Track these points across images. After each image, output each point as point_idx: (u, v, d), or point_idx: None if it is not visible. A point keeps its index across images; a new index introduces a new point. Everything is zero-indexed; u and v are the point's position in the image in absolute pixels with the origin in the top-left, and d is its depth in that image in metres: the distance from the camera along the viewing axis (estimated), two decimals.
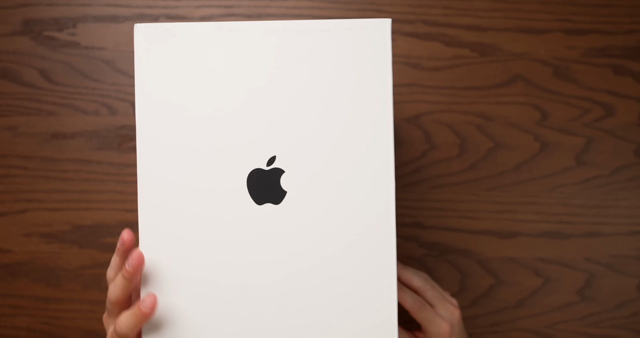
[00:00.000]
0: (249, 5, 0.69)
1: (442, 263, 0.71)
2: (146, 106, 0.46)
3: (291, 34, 0.45)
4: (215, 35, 0.46)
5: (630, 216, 0.72)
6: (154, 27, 0.46)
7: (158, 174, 0.46)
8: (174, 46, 0.46)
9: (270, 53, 0.45)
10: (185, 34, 0.46)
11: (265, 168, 0.44)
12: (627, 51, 0.72)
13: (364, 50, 0.45)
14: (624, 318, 0.72)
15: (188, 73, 0.46)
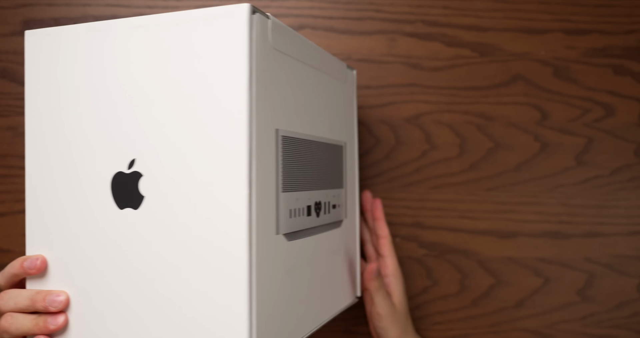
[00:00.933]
0: None
1: (442, 263, 0.71)
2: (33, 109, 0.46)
3: (151, 29, 0.42)
4: (87, 36, 0.44)
5: (630, 216, 0.72)
6: (39, 33, 0.46)
7: (41, 175, 0.46)
8: (56, 49, 0.45)
9: (133, 52, 0.42)
10: (63, 38, 0.45)
11: (126, 171, 0.42)
12: (627, 51, 0.72)
13: (220, 42, 0.40)
14: (624, 318, 0.72)
15: (67, 76, 0.45)
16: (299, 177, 0.46)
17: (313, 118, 0.50)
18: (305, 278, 0.47)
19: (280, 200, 0.43)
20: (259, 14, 0.41)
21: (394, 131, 0.70)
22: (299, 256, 0.46)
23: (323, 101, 0.52)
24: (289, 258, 0.44)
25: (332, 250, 0.53)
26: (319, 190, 0.51)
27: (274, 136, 0.43)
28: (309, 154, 0.48)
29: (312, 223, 0.49)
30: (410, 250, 0.70)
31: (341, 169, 0.56)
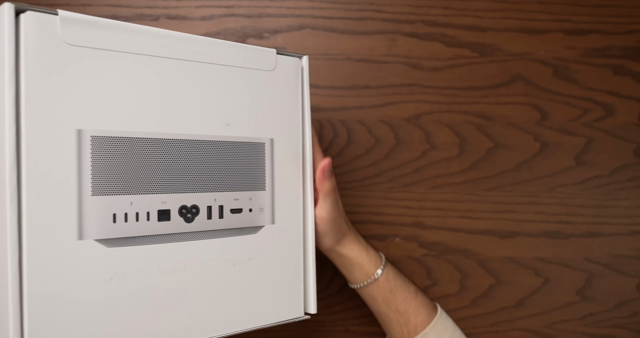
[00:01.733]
0: (249, 6, 0.69)
1: (442, 263, 0.71)
2: None
3: None
4: None
5: (630, 216, 0.72)
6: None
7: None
8: None
9: None
10: None
11: None
12: (627, 51, 0.72)
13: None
14: (624, 318, 0.72)
15: None
16: (132, 179, 0.43)
17: (181, 114, 0.45)
18: (156, 286, 0.44)
19: (87, 204, 0.40)
20: (34, 12, 0.38)
21: (394, 131, 0.70)
22: (134, 263, 0.43)
23: (210, 94, 0.47)
24: (109, 265, 0.41)
25: (235, 258, 0.49)
26: (191, 193, 0.46)
27: (74, 136, 0.40)
28: (160, 155, 0.44)
29: (169, 228, 0.45)
30: (410, 250, 0.70)
31: (260, 170, 0.50)
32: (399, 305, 0.58)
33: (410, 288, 0.59)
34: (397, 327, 0.58)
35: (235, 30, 0.69)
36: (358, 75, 0.70)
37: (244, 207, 0.49)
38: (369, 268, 0.57)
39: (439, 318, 0.59)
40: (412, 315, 0.58)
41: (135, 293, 0.43)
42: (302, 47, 0.69)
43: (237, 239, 0.49)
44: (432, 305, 0.60)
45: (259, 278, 0.50)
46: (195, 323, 0.46)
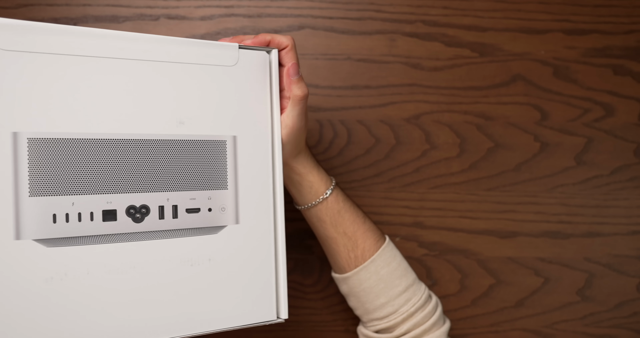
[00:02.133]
0: (249, 5, 0.69)
1: (442, 263, 0.71)
2: None
3: None
4: None
5: (630, 216, 0.72)
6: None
7: None
8: None
9: None
10: None
11: None
12: (627, 51, 0.72)
13: None
14: (624, 318, 0.72)
15: None
16: (73, 180, 0.43)
17: (126, 114, 0.45)
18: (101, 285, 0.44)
19: (25, 205, 0.41)
20: None
21: (394, 131, 0.70)
22: (76, 263, 0.43)
23: (161, 93, 0.46)
24: (49, 265, 0.42)
25: (192, 259, 0.48)
26: (140, 193, 0.45)
27: (10, 139, 0.41)
28: (103, 155, 0.44)
29: (116, 228, 0.44)
30: (410, 250, 0.70)
31: (221, 168, 0.49)
32: (347, 227, 0.57)
33: (359, 212, 0.58)
34: (344, 252, 0.58)
35: (235, 30, 0.69)
36: (358, 75, 0.70)
37: (202, 206, 0.48)
38: (319, 187, 0.56)
39: (387, 246, 0.58)
40: (360, 239, 0.57)
41: (78, 293, 0.43)
42: (302, 47, 0.69)
43: (194, 239, 0.48)
44: (380, 232, 0.59)
45: (222, 280, 0.49)
46: (148, 323, 0.46)
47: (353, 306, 0.61)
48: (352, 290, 0.59)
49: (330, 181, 0.58)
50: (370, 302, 0.58)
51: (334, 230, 0.57)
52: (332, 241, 0.58)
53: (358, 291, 0.58)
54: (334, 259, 0.59)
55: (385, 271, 0.57)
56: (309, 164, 0.56)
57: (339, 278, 0.60)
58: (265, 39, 0.51)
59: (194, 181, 0.48)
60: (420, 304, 0.57)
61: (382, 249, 0.58)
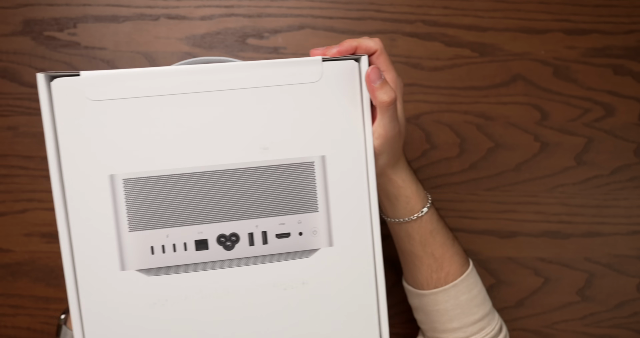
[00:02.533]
0: (249, 5, 0.69)
1: None
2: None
3: None
4: None
5: (630, 216, 0.72)
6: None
7: None
8: None
9: None
10: None
11: None
12: (627, 51, 0.72)
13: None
14: (624, 318, 0.72)
15: None
16: (166, 214, 0.46)
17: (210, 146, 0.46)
18: (199, 310, 0.47)
19: (126, 240, 0.45)
20: (61, 77, 0.44)
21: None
22: (175, 289, 0.46)
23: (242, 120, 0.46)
24: (153, 292, 0.46)
25: (285, 283, 0.48)
26: (229, 222, 0.47)
27: (108, 181, 0.45)
28: (191, 188, 0.46)
29: (208, 257, 0.47)
30: None
31: (310, 190, 0.48)
32: (435, 250, 0.54)
33: (449, 234, 0.56)
34: (426, 271, 0.55)
35: (235, 30, 0.69)
36: None
37: (292, 231, 0.48)
38: (415, 204, 0.53)
39: (471, 272, 0.56)
40: (446, 262, 0.54)
41: (179, 317, 0.47)
42: (302, 47, 0.69)
43: (286, 263, 0.48)
44: (466, 256, 0.57)
45: (318, 303, 0.49)
46: None
47: (420, 320, 0.59)
48: (424, 308, 0.57)
49: (427, 198, 0.54)
50: (442, 324, 0.56)
51: (421, 249, 0.54)
52: (416, 258, 0.55)
53: (431, 310, 0.56)
54: (413, 274, 0.57)
55: (465, 297, 0.55)
56: (408, 177, 0.53)
57: (412, 292, 0.58)
58: (351, 45, 0.48)
59: (283, 205, 0.48)
60: (492, 335, 0.55)
61: (466, 274, 0.55)
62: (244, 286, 0.48)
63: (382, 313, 0.49)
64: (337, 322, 0.49)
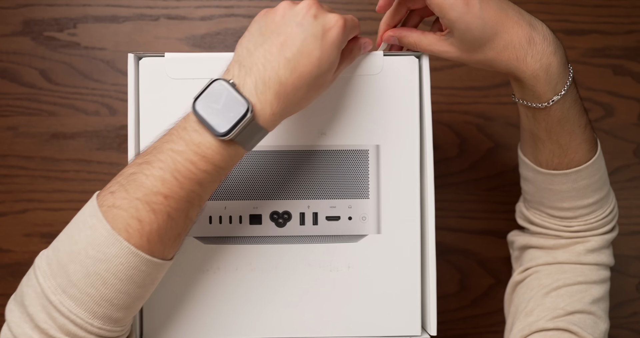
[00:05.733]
0: (249, 6, 0.69)
1: (442, 263, 0.71)
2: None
3: None
4: None
5: (630, 216, 0.72)
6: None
7: None
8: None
9: None
10: None
11: None
12: (627, 51, 0.72)
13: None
14: (624, 318, 0.72)
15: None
16: (226, 187, 0.49)
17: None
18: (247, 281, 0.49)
19: None
20: (148, 57, 0.49)
21: None
22: (227, 259, 0.49)
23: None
24: (207, 259, 0.49)
25: (331, 265, 0.50)
26: (283, 200, 0.49)
27: None
28: (251, 165, 0.49)
29: (261, 231, 0.49)
30: None
31: (363, 177, 0.50)
32: (562, 138, 0.50)
33: (582, 120, 0.50)
34: (548, 155, 0.51)
35: (235, 30, 0.69)
36: None
37: (342, 215, 0.50)
38: (545, 92, 0.47)
39: (598, 157, 0.52)
40: (571, 150, 0.50)
41: (228, 286, 0.49)
42: None
43: (334, 246, 0.50)
44: (595, 140, 0.52)
45: (361, 288, 0.50)
46: (286, 320, 0.50)
47: (527, 190, 0.55)
48: (537, 183, 0.53)
49: (565, 81, 0.48)
50: (551, 201, 0.53)
51: (546, 134, 0.50)
52: (538, 140, 0.51)
53: (544, 187, 0.52)
54: (531, 150, 0.52)
55: (584, 183, 0.51)
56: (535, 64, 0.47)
57: (527, 164, 0.53)
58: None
59: (335, 189, 0.50)
60: (601, 218, 0.53)
61: (591, 162, 0.50)
62: (292, 263, 0.50)
63: (430, 305, 0.50)
64: (379, 309, 0.50)
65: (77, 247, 0.38)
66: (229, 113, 0.38)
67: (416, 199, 0.50)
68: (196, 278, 0.49)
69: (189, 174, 0.39)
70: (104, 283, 0.38)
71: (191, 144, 0.39)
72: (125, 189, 0.39)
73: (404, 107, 0.50)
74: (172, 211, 0.39)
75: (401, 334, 0.51)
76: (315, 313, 0.50)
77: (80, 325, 0.38)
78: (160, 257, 0.40)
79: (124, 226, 0.38)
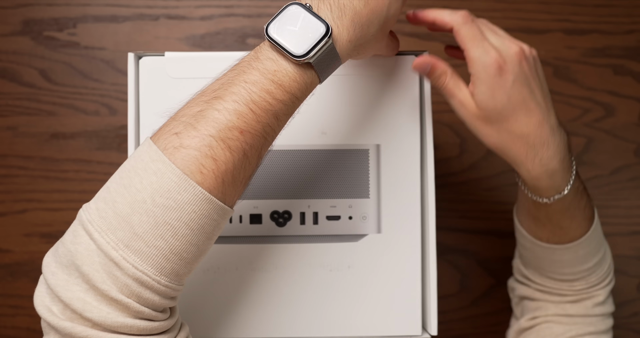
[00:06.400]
0: (249, 5, 0.69)
1: (442, 263, 0.71)
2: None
3: None
4: None
5: (630, 216, 0.72)
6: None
7: None
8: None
9: None
10: None
11: None
12: (627, 51, 0.72)
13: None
14: (624, 318, 0.72)
15: None
16: None
17: None
18: (248, 281, 0.49)
19: None
20: (148, 56, 0.49)
21: None
22: (228, 259, 0.49)
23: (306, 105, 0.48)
24: (207, 258, 0.48)
25: (331, 265, 0.50)
26: (283, 200, 0.49)
27: None
28: None
29: (261, 231, 0.49)
30: None
31: (363, 177, 0.50)
32: (563, 222, 0.50)
33: (582, 203, 0.50)
34: (548, 234, 0.51)
35: (235, 30, 0.69)
36: None
37: (342, 214, 0.50)
38: (547, 191, 0.48)
39: (595, 225, 0.52)
40: (571, 229, 0.50)
41: (228, 286, 0.49)
42: None
43: (334, 245, 0.50)
44: (592, 211, 0.52)
45: (361, 287, 0.50)
46: (286, 320, 0.50)
47: (524, 255, 0.55)
48: (536, 253, 0.53)
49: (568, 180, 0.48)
50: (551, 268, 0.53)
51: (547, 220, 0.50)
52: (538, 221, 0.51)
53: (543, 256, 0.53)
54: (529, 225, 0.53)
55: (584, 251, 0.51)
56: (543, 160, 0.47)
57: (525, 236, 0.54)
58: (427, 18, 0.48)
59: (335, 189, 0.50)
60: (600, 276, 0.54)
61: (590, 232, 0.51)
62: (292, 263, 0.49)
63: (430, 305, 0.50)
64: (379, 308, 0.50)
65: (141, 195, 0.34)
66: (307, 34, 0.36)
67: (416, 199, 0.50)
68: (196, 278, 0.49)
69: (266, 106, 0.36)
70: (175, 234, 0.34)
71: (266, 72, 0.36)
72: (194, 127, 0.35)
73: (405, 107, 0.50)
74: (247, 148, 0.36)
75: (402, 334, 0.50)
76: (316, 313, 0.50)
77: (146, 283, 0.33)
78: (230, 204, 0.37)
79: (197, 167, 0.34)
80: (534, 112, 0.46)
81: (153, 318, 0.35)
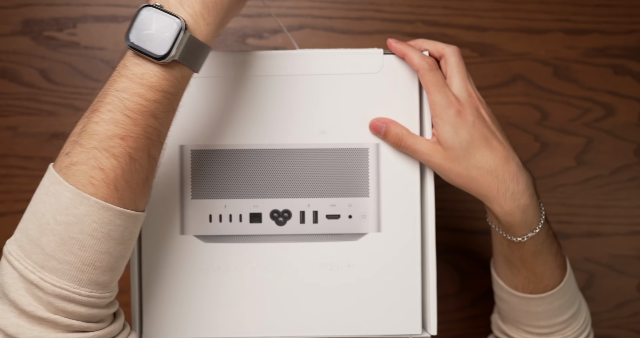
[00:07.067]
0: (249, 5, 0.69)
1: (442, 263, 0.71)
2: None
3: None
4: None
5: (630, 216, 0.72)
6: None
7: None
8: None
9: None
10: None
11: None
12: (627, 51, 0.72)
13: None
14: (624, 318, 0.72)
15: None
16: (226, 185, 0.49)
17: (274, 126, 0.49)
18: (247, 280, 0.49)
19: (188, 206, 0.49)
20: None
21: None
22: (227, 258, 0.49)
23: (305, 104, 0.49)
24: (207, 258, 0.49)
25: (331, 264, 0.50)
26: (283, 198, 0.49)
27: (178, 151, 0.48)
28: (252, 163, 0.49)
29: (260, 230, 0.49)
30: None
31: (363, 176, 0.50)
32: (537, 267, 0.51)
33: (553, 248, 0.51)
34: (523, 281, 0.52)
35: (235, 30, 0.69)
36: None
37: (342, 213, 0.50)
38: (520, 229, 0.48)
39: (569, 276, 0.53)
40: (546, 277, 0.51)
41: (228, 285, 0.49)
42: (302, 47, 0.69)
43: (334, 244, 0.50)
44: (565, 263, 0.54)
45: (361, 286, 0.50)
46: (285, 319, 0.50)
47: (501, 307, 0.56)
48: (512, 304, 0.54)
49: (539, 220, 0.49)
50: (527, 321, 0.54)
51: (521, 264, 0.51)
52: (513, 267, 0.52)
53: (519, 308, 0.54)
54: (505, 274, 0.54)
55: (558, 303, 0.53)
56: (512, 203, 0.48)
57: (501, 286, 0.55)
58: (422, 48, 0.50)
59: (335, 188, 0.50)
60: (578, 330, 0.55)
61: (564, 282, 0.52)
62: (292, 262, 0.50)
63: (430, 304, 0.50)
64: (379, 307, 0.50)
65: (46, 218, 0.36)
66: (163, 35, 0.37)
67: (416, 198, 0.51)
68: (196, 277, 0.49)
69: (140, 108, 0.37)
70: (82, 247, 0.36)
71: (134, 77, 0.37)
72: (79, 143, 0.37)
73: (404, 106, 0.50)
74: (132, 151, 0.37)
75: (402, 333, 0.50)
76: (315, 312, 0.50)
77: (67, 298, 0.36)
78: (132, 208, 0.38)
79: (88, 179, 0.36)
80: (498, 148, 0.48)
81: (86, 329, 0.37)
